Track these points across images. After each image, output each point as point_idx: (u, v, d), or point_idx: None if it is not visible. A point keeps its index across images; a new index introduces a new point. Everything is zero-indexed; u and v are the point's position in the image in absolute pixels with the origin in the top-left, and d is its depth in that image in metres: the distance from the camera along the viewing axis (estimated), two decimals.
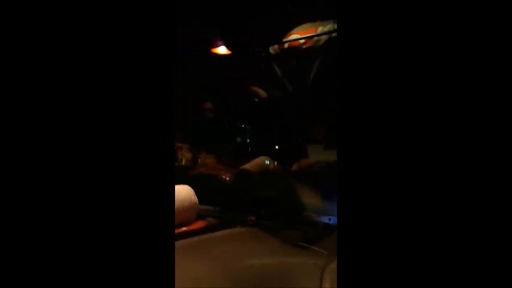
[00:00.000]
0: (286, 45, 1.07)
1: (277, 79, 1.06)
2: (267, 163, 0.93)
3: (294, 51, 1.06)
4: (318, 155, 0.92)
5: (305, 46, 1.04)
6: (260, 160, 0.93)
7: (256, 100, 1.07)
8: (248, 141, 1.07)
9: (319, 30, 1.03)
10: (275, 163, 0.94)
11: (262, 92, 1.08)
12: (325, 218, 0.76)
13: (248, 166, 0.90)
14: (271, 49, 1.09)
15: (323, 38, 1.02)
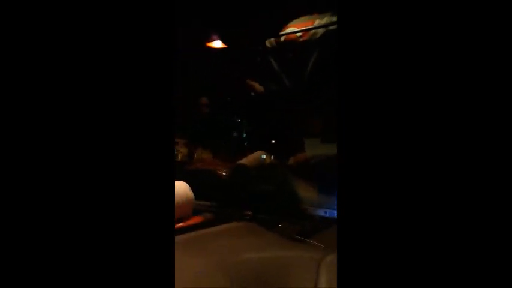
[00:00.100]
0: (282, 38, 1.06)
1: (273, 73, 1.05)
2: (264, 157, 0.93)
3: (291, 44, 1.05)
4: (315, 149, 0.91)
5: (302, 39, 1.03)
6: (257, 155, 0.92)
7: (252, 94, 1.07)
8: (245, 135, 1.07)
9: (316, 23, 1.02)
10: (272, 157, 0.93)
11: (258, 86, 1.07)
12: (321, 211, 0.76)
13: (244, 161, 0.90)
14: (267, 42, 1.08)
15: (320, 31, 1.01)
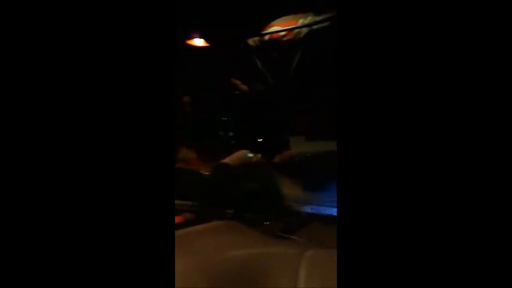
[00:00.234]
0: (266, 37, 1.06)
1: (258, 71, 1.05)
2: (251, 156, 0.92)
3: (275, 43, 1.04)
4: (300, 147, 0.91)
5: (286, 38, 1.03)
6: (240, 153, 0.92)
7: (237, 93, 1.06)
8: (231, 135, 1.06)
9: (299, 22, 1.02)
10: (256, 156, 0.93)
11: (242, 85, 1.06)
12: (307, 208, 0.76)
13: (227, 160, 0.89)
14: (251, 41, 1.07)
15: (304, 31, 1.01)
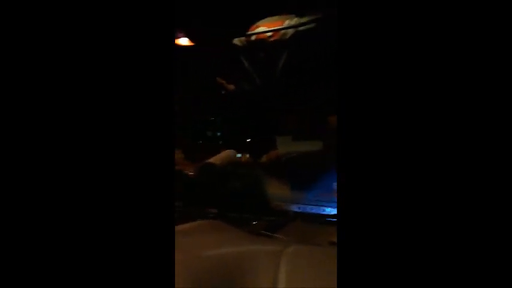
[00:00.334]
0: (253, 37, 1.05)
1: (244, 71, 1.04)
2: (238, 156, 0.92)
3: (261, 43, 1.04)
4: (287, 147, 0.91)
5: (272, 39, 1.03)
6: (225, 153, 0.91)
7: (223, 93, 1.05)
8: (219, 134, 1.05)
9: (285, 23, 1.02)
10: (242, 156, 0.92)
11: (229, 85, 1.06)
12: (294, 207, 0.76)
13: (212, 160, 0.89)
14: (237, 41, 1.07)
15: (290, 32, 1.01)
